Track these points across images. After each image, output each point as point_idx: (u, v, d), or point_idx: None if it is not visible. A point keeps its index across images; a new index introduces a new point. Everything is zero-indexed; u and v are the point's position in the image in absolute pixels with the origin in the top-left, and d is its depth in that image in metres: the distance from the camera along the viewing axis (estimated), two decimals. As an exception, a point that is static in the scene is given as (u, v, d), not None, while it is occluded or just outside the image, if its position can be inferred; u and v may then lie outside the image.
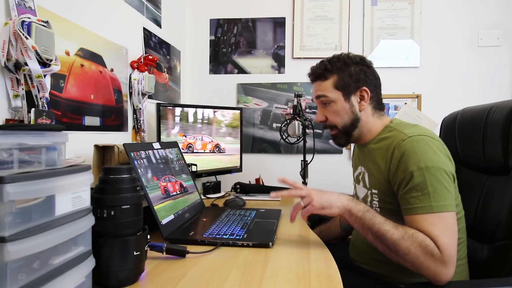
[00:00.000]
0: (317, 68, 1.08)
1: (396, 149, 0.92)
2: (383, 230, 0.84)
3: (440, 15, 2.13)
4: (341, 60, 1.05)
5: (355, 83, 1.03)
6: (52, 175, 0.52)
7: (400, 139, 0.93)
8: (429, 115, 2.08)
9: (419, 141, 0.90)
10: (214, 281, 0.70)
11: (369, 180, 1.04)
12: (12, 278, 0.45)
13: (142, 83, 1.50)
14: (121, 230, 0.68)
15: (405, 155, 0.89)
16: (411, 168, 0.87)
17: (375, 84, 1.06)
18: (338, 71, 1.04)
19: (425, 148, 0.89)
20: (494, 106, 1.06)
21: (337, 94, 1.04)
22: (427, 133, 0.94)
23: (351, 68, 1.04)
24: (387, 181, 0.96)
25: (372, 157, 1.03)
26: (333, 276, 0.73)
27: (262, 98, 2.23)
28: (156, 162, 1.09)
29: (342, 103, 1.04)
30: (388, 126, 1.04)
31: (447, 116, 1.29)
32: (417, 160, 0.87)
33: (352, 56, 1.06)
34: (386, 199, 0.98)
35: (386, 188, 0.97)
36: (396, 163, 0.91)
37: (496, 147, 1.01)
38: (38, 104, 0.93)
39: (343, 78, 1.03)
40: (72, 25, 1.13)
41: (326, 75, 1.05)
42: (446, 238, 0.81)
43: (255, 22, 2.23)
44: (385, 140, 1.00)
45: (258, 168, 2.12)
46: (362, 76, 1.04)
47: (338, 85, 1.03)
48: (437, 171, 0.86)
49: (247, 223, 1.11)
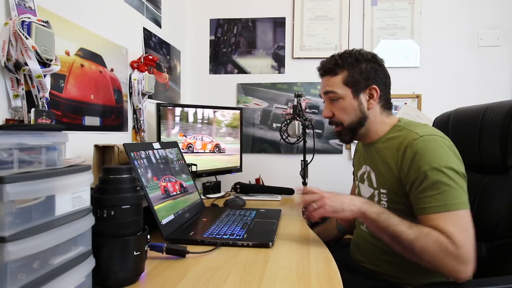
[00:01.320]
0: (327, 62, 1.05)
1: (408, 148, 0.91)
2: (398, 231, 0.84)
3: (440, 15, 2.13)
4: (352, 56, 1.02)
5: (365, 81, 1.01)
6: (52, 175, 0.52)
7: (412, 138, 0.92)
8: (429, 115, 2.08)
9: (431, 140, 0.90)
10: (214, 281, 0.70)
11: (377, 179, 1.03)
12: (12, 278, 0.45)
13: (142, 83, 1.50)
14: (121, 230, 0.68)
15: (418, 155, 0.88)
16: (424, 167, 0.86)
17: (384, 82, 1.04)
18: (349, 67, 1.02)
19: (438, 147, 0.88)
20: (490, 106, 1.06)
21: (346, 90, 1.02)
22: (438, 133, 0.94)
23: (362, 65, 1.01)
24: (398, 181, 0.94)
25: (380, 157, 1.02)
26: (333, 276, 0.73)
27: (262, 98, 2.23)
28: (156, 162, 1.09)
29: (351, 100, 1.02)
30: (396, 125, 1.03)
31: (439, 116, 1.29)
32: (430, 160, 0.87)
33: (364, 52, 1.04)
34: (396, 198, 0.96)
35: (396, 188, 0.95)
36: (409, 162, 0.90)
37: (493, 147, 1.02)
38: (38, 104, 0.93)
39: (353, 75, 1.01)
40: (72, 25, 1.13)
41: (336, 70, 1.03)
42: (461, 235, 0.80)
43: (255, 22, 2.23)
44: (394, 139, 0.99)
45: (258, 168, 2.12)
46: (373, 74, 1.02)
47: (348, 81, 1.01)
48: (450, 170, 0.86)
49: (247, 223, 1.11)
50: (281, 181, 1.84)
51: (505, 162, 0.99)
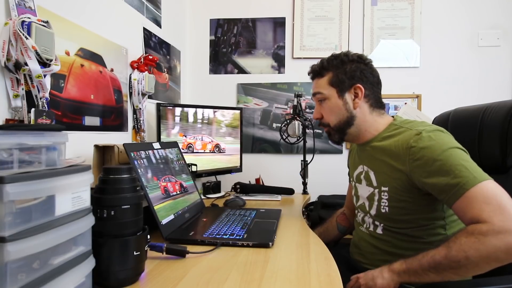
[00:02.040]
0: (316, 66, 1.10)
1: (414, 143, 0.90)
2: (430, 260, 0.79)
3: (440, 15, 2.13)
4: (338, 58, 1.06)
5: (349, 80, 1.03)
6: (52, 175, 0.52)
7: (414, 134, 0.92)
8: (429, 115, 2.08)
9: (435, 133, 0.91)
10: (214, 281, 0.70)
11: (377, 178, 1.02)
12: (12, 278, 0.45)
13: (142, 83, 1.50)
14: (121, 230, 0.68)
15: (426, 148, 0.88)
16: (436, 156, 0.86)
17: (371, 81, 1.05)
18: (334, 69, 1.05)
19: (442, 137, 0.89)
20: (490, 106, 1.06)
21: (331, 91, 1.05)
22: (439, 128, 0.95)
23: (347, 66, 1.04)
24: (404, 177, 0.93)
25: (378, 155, 1.02)
26: (333, 276, 0.73)
27: (262, 98, 2.23)
28: (156, 162, 1.09)
29: (336, 100, 1.04)
30: (393, 124, 1.03)
31: (438, 116, 1.29)
32: (439, 147, 0.87)
33: (350, 54, 1.06)
34: (398, 196, 0.95)
35: (400, 185, 0.94)
36: (417, 156, 0.89)
37: (493, 147, 1.02)
38: (38, 104, 0.93)
39: (337, 75, 1.04)
40: (72, 25, 1.13)
41: (322, 72, 1.07)
42: (487, 210, 0.75)
43: (255, 22, 2.23)
44: (392, 137, 0.99)
45: (258, 168, 2.12)
46: (358, 74, 1.04)
47: (333, 82, 1.05)
48: (460, 150, 0.87)
49: (247, 223, 1.11)
50: (281, 181, 1.84)
51: (504, 162, 0.99)
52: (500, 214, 0.75)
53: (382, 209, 1.00)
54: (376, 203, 1.01)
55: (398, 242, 0.97)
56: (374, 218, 1.03)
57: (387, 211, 0.98)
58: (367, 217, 1.07)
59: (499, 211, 0.75)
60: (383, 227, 1.01)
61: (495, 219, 0.74)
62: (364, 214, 1.08)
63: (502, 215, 0.74)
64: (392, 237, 0.99)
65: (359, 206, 1.12)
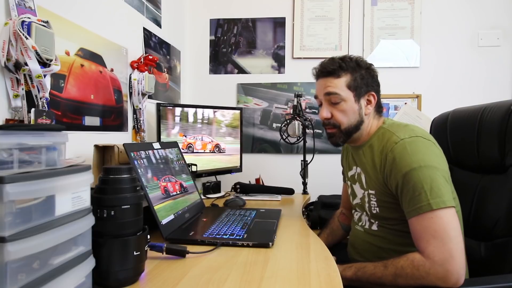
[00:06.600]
0: (330, 64, 1.05)
1: (390, 152, 0.94)
2: (379, 278, 0.88)
3: (440, 15, 2.13)
4: (354, 61, 1.04)
5: (365, 86, 1.04)
6: (52, 175, 0.52)
7: (393, 141, 0.94)
8: (429, 115, 2.08)
9: (411, 143, 0.92)
10: (214, 281, 0.70)
11: (366, 181, 1.05)
12: (12, 278, 0.45)
13: (142, 83, 1.50)
14: (121, 230, 0.68)
15: (397, 159, 0.91)
16: (403, 170, 0.89)
17: (378, 90, 1.09)
18: (352, 71, 1.03)
19: (416, 149, 0.91)
20: (488, 106, 1.07)
21: (349, 94, 1.03)
22: (419, 133, 0.95)
23: (363, 71, 1.04)
24: (383, 183, 0.97)
25: (367, 158, 1.04)
26: (333, 276, 0.73)
27: (262, 98, 2.23)
28: (156, 162, 1.09)
29: (352, 103, 1.03)
30: (381, 128, 1.05)
31: (437, 116, 1.29)
32: (410, 162, 0.89)
33: (362, 59, 1.07)
34: (384, 199, 0.99)
35: (382, 189, 0.98)
36: (390, 166, 0.93)
37: (491, 147, 1.02)
38: (38, 104, 0.93)
39: (356, 79, 1.03)
40: (72, 25, 1.13)
41: (339, 72, 1.03)
42: (432, 245, 0.83)
43: (255, 22, 2.23)
44: (378, 141, 1.02)
45: (258, 168, 2.12)
46: (371, 81, 1.05)
47: (351, 85, 1.03)
48: (429, 169, 0.87)
49: (247, 223, 1.11)
50: (281, 181, 1.84)
51: (503, 162, 0.99)
52: (436, 253, 0.82)
53: (373, 210, 1.03)
54: (367, 204, 1.05)
55: (393, 238, 0.99)
56: (370, 217, 1.06)
57: (378, 212, 1.02)
58: (363, 216, 1.09)
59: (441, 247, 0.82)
60: (378, 224, 1.03)
61: (435, 257, 0.82)
62: (361, 212, 1.11)
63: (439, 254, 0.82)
64: (387, 233, 1.01)
65: (356, 205, 1.13)
